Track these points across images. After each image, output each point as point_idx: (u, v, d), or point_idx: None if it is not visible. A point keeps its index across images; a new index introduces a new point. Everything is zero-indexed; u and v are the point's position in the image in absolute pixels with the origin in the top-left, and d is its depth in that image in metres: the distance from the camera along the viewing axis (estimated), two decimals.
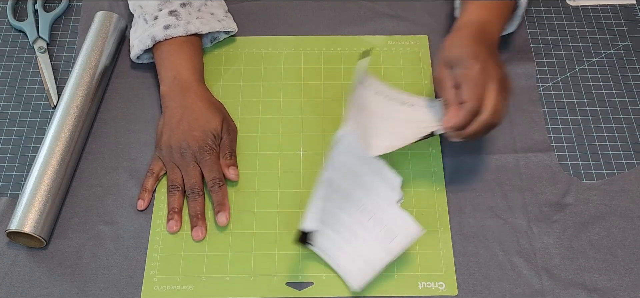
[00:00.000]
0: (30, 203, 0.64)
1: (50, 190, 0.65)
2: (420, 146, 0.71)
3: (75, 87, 0.72)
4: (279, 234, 0.66)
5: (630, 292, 0.62)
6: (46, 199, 0.65)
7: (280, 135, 0.72)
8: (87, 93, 0.72)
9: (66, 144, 0.68)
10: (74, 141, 0.69)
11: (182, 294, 0.62)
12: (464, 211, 0.67)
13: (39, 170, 0.66)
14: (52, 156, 0.67)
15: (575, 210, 0.67)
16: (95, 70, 0.73)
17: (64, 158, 0.67)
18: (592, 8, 0.84)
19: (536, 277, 0.63)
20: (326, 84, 0.76)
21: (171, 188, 0.67)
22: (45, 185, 0.65)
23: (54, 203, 0.66)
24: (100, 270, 0.64)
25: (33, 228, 0.63)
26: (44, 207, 0.64)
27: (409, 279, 0.63)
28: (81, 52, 0.74)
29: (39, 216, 0.64)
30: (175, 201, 0.66)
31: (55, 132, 0.69)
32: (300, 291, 0.63)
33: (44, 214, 0.64)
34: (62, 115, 0.70)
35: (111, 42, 0.76)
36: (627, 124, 0.74)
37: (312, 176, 0.69)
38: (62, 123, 0.69)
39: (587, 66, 0.78)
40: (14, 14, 0.83)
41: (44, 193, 0.65)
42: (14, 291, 0.63)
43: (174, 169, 0.68)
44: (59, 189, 0.66)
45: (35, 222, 0.63)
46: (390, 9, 0.83)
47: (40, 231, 0.64)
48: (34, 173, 0.66)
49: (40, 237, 0.64)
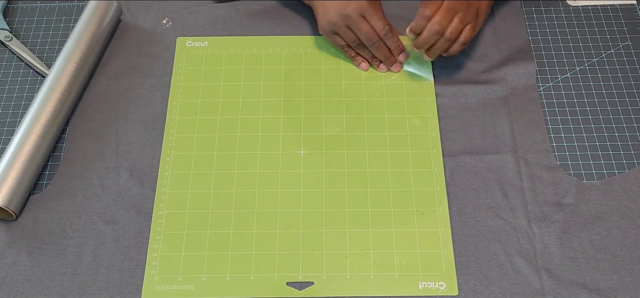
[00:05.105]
0: (4, 175, 0.66)
1: (26, 162, 0.67)
2: (420, 146, 0.71)
3: (65, 59, 0.74)
4: (280, 234, 0.66)
5: (630, 291, 0.62)
6: (21, 172, 0.66)
7: (280, 135, 0.72)
8: (78, 66, 0.74)
9: (48, 118, 0.70)
10: (57, 116, 0.71)
11: (182, 294, 0.62)
12: (464, 211, 0.67)
13: (17, 142, 0.68)
14: (33, 129, 0.69)
15: (576, 210, 0.67)
16: (87, 47, 0.75)
17: (45, 132, 0.69)
18: (592, 8, 0.84)
19: (536, 277, 0.63)
20: (327, 84, 0.76)
21: (356, 46, 0.75)
22: (21, 157, 0.67)
23: (27, 175, 0.67)
24: (101, 270, 0.64)
25: (5, 201, 0.65)
26: (17, 180, 0.66)
27: (410, 279, 0.63)
28: (74, 29, 0.76)
29: (12, 189, 0.65)
30: (363, 52, 0.76)
31: (39, 106, 0.70)
32: (300, 291, 0.63)
33: (15, 187, 0.66)
34: (48, 89, 0.72)
35: (106, 22, 0.78)
36: (627, 124, 0.74)
37: (313, 176, 0.69)
38: (46, 97, 0.71)
39: (587, 66, 0.78)
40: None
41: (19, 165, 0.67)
42: (15, 291, 0.63)
43: (347, 33, 0.74)
44: (33, 161, 0.68)
45: (8, 194, 0.65)
46: (390, 9, 0.83)
47: (10, 203, 0.65)
48: (12, 145, 0.68)
49: (10, 210, 0.65)
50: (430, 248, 0.65)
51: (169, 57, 0.79)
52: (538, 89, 0.76)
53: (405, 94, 0.75)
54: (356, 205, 0.67)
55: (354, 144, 0.71)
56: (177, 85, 0.76)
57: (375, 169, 0.70)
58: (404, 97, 0.75)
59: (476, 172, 0.70)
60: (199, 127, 0.73)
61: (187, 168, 0.70)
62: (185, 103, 0.75)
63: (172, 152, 0.71)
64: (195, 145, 0.71)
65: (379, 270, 0.64)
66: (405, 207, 0.67)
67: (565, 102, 0.75)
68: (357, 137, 0.72)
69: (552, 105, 0.75)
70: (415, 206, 0.67)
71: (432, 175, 0.69)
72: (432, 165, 0.70)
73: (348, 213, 0.67)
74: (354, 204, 0.67)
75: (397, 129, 0.72)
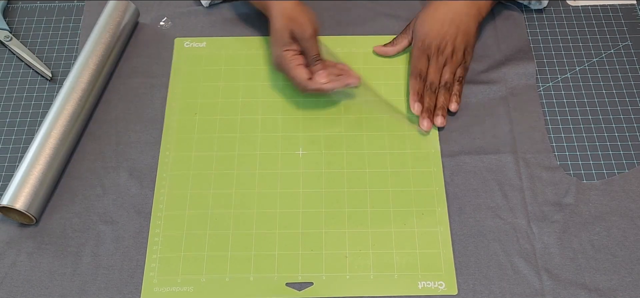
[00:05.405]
0: (24, 179, 0.65)
1: (46, 166, 0.66)
2: (420, 146, 0.71)
3: (84, 63, 0.73)
4: (279, 234, 0.66)
5: (630, 291, 0.62)
6: (42, 176, 0.66)
7: (279, 135, 0.72)
8: (96, 69, 0.73)
9: (68, 120, 0.69)
10: (76, 119, 0.70)
11: (181, 295, 0.62)
12: (464, 211, 0.67)
13: (38, 145, 0.67)
14: (52, 131, 0.68)
15: (576, 210, 0.67)
16: (105, 50, 0.74)
17: (64, 135, 0.68)
18: (592, 8, 0.84)
19: (536, 277, 0.63)
20: None
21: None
22: (41, 161, 0.66)
23: (47, 180, 0.66)
24: (100, 270, 0.64)
25: (25, 206, 0.64)
26: (38, 184, 0.65)
27: (409, 279, 0.63)
28: (93, 32, 0.75)
29: (33, 193, 0.65)
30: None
31: (58, 108, 0.69)
32: (300, 292, 0.63)
33: (36, 191, 0.65)
34: (66, 93, 0.70)
35: (123, 25, 0.77)
36: (627, 124, 0.73)
37: (312, 176, 0.69)
38: (65, 100, 0.70)
39: (587, 66, 0.78)
40: None
41: (39, 169, 0.66)
42: (15, 291, 0.63)
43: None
44: (53, 166, 0.67)
45: (28, 198, 0.64)
46: (390, 9, 0.83)
47: (30, 208, 0.64)
48: (33, 148, 0.67)
49: (31, 215, 0.64)
50: (429, 248, 0.65)
51: (168, 57, 0.79)
52: (538, 89, 0.76)
53: (404, 94, 0.75)
54: (356, 205, 0.67)
55: (353, 144, 0.71)
56: (176, 85, 0.76)
57: (375, 169, 0.70)
58: (402, 97, 0.75)
59: (476, 172, 0.70)
60: (198, 128, 0.73)
61: (186, 168, 0.70)
62: (184, 103, 0.75)
63: (171, 153, 0.71)
64: (194, 146, 0.71)
65: (379, 270, 0.64)
66: (404, 207, 0.67)
67: (565, 102, 0.75)
68: (356, 137, 0.72)
69: (552, 105, 0.75)
70: (415, 206, 0.67)
71: (431, 175, 0.69)
72: (431, 165, 0.70)
73: (347, 213, 0.67)
74: (354, 204, 0.67)
75: (396, 129, 0.72)
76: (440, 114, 0.71)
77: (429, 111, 0.72)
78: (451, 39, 0.73)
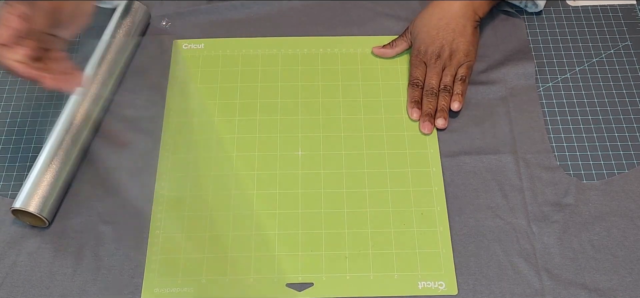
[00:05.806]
0: (37, 182, 0.65)
1: (60, 168, 0.66)
2: (420, 146, 0.71)
3: (97, 65, 0.72)
4: (279, 235, 0.66)
5: (630, 292, 0.62)
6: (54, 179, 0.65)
7: (278, 136, 0.72)
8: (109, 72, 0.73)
9: (80, 123, 0.69)
10: (89, 122, 0.70)
11: (182, 296, 0.62)
12: (464, 211, 0.67)
13: (50, 149, 0.67)
14: (66, 137, 0.68)
15: (575, 210, 0.67)
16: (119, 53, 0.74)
17: (76, 137, 0.68)
18: (592, 8, 0.83)
19: (536, 277, 0.63)
20: (324, 85, 0.76)
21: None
22: (55, 163, 0.66)
23: (59, 183, 0.66)
24: (101, 270, 0.64)
25: (38, 208, 0.64)
26: (50, 187, 0.65)
27: (409, 279, 0.63)
28: (104, 33, 0.75)
29: (46, 196, 0.64)
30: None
31: (71, 109, 0.69)
32: (300, 292, 0.63)
33: (50, 194, 0.65)
34: (80, 93, 0.70)
35: (136, 23, 0.77)
36: (627, 124, 0.73)
37: (311, 177, 0.69)
38: (79, 102, 0.70)
39: (587, 66, 0.78)
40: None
41: (52, 172, 0.66)
42: (15, 291, 0.63)
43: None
44: (66, 169, 0.67)
45: (41, 201, 0.64)
46: (390, 9, 0.83)
47: (43, 210, 0.64)
48: (45, 151, 0.67)
49: (44, 218, 0.64)
50: (429, 248, 0.65)
51: (167, 58, 0.79)
52: (537, 89, 0.76)
53: (403, 94, 0.75)
54: (355, 205, 0.67)
55: (352, 144, 0.71)
56: (174, 87, 0.76)
57: (374, 169, 0.70)
58: (401, 97, 0.75)
59: (476, 172, 0.70)
60: (197, 129, 0.73)
61: (185, 170, 0.70)
62: (183, 105, 0.75)
63: (170, 155, 0.71)
64: (193, 147, 0.72)
65: (379, 270, 0.64)
66: (404, 207, 0.67)
67: (565, 102, 0.75)
68: (355, 137, 0.72)
69: (551, 105, 0.75)
70: (415, 206, 0.67)
71: (431, 175, 0.69)
72: (430, 165, 0.70)
73: (347, 213, 0.67)
74: (353, 205, 0.67)
75: (395, 129, 0.72)
76: (441, 116, 0.71)
77: (429, 115, 0.72)
78: (447, 43, 0.73)
